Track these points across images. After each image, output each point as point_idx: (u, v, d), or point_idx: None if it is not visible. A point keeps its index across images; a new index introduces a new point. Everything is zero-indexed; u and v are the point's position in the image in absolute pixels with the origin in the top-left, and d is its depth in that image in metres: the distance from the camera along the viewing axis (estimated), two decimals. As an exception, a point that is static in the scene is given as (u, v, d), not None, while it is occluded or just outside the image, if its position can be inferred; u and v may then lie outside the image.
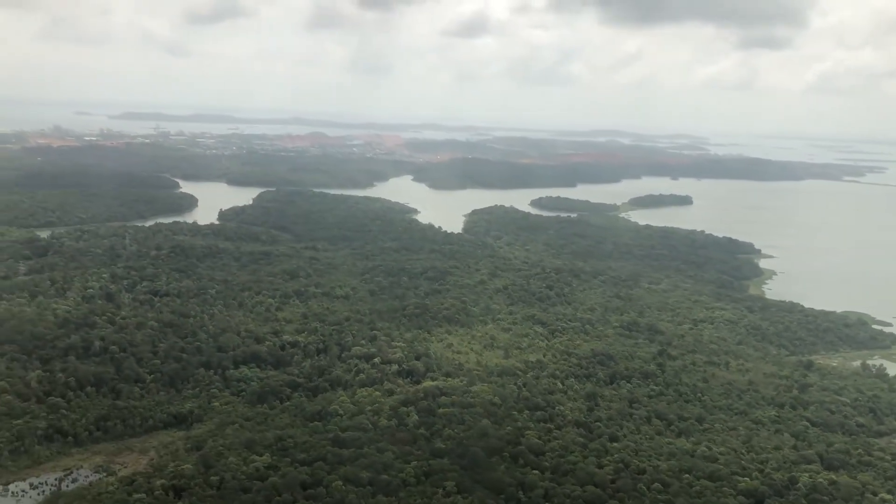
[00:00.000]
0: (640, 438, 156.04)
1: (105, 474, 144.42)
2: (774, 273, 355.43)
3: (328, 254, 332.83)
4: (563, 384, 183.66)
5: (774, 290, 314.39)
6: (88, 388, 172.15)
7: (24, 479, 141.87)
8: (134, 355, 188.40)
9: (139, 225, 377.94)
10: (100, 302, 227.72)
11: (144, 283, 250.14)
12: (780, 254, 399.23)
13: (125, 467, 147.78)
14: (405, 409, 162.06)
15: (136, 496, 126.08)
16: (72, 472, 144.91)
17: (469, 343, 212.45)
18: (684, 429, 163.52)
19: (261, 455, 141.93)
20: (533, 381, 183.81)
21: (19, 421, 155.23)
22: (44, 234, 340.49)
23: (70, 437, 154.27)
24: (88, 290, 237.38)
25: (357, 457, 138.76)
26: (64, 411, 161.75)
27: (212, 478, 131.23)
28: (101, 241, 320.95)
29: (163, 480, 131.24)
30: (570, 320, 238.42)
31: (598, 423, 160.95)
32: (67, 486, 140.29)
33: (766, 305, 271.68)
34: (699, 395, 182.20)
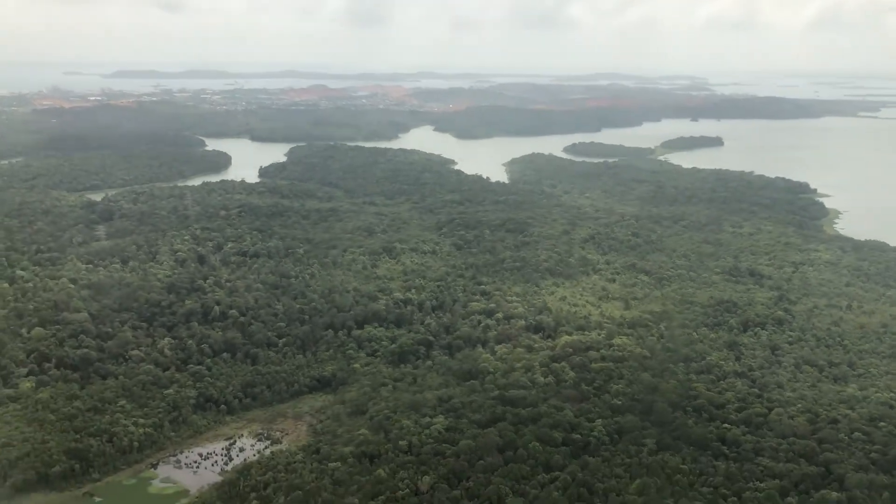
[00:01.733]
0: (803, 387, 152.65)
1: (269, 442, 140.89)
2: (839, 212, 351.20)
3: (390, 209, 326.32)
4: (696, 334, 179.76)
5: (848, 230, 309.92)
6: (224, 355, 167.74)
7: (190, 449, 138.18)
8: (255, 319, 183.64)
9: (191, 185, 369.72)
10: (194, 265, 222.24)
11: (230, 245, 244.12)
12: (837, 192, 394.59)
13: (286, 434, 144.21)
14: (557, 365, 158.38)
15: (331, 465, 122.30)
16: (234, 441, 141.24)
17: (581, 295, 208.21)
18: (839, 375, 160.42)
19: (432, 416, 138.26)
20: (667, 331, 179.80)
21: (169, 390, 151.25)
22: (96, 196, 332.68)
23: (223, 406, 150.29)
24: (178, 254, 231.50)
25: (536, 416, 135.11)
26: (209, 379, 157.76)
27: (400, 442, 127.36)
28: (160, 203, 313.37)
29: (350, 447, 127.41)
30: (671, 268, 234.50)
31: (754, 373, 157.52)
32: (236, 454, 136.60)
33: (857, 246, 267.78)
34: (838, 339, 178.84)
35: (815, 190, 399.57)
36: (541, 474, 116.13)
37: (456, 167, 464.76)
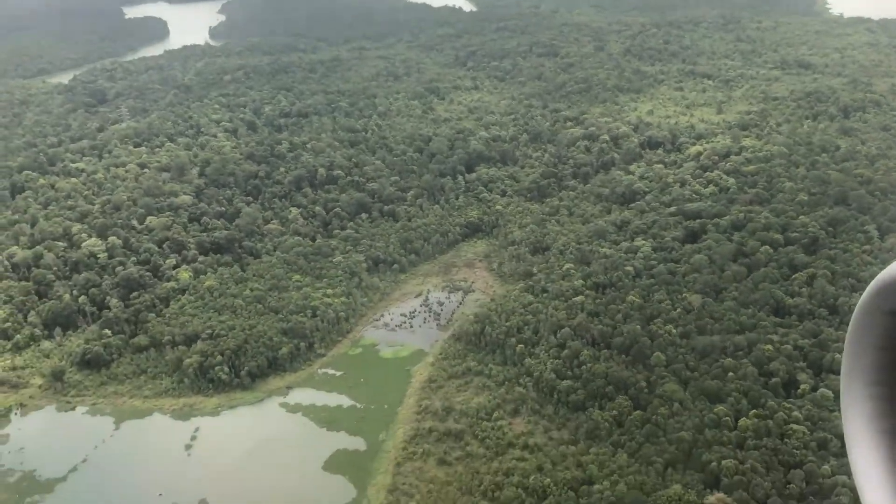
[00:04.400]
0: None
1: (461, 292, 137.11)
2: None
3: (389, 51, 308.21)
4: (807, 126, 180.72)
5: (848, 12, 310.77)
6: (362, 216, 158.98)
7: (388, 311, 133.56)
8: (365, 177, 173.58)
9: (152, 55, 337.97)
10: (249, 133, 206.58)
11: (268, 108, 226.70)
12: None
13: (472, 282, 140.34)
14: (710, 174, 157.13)
15: (576, 299, 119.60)
16: (426, 297, 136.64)
17: (665, 106, 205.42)
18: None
19: (629, 241, 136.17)
20: (778, 126, 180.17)
21: (337, 258, 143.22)
22: (58, 80, 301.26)
23: (394, 265, 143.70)
24: (222, 124, 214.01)
25: (738, 224, 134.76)
26: (366, 241, 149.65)
27: (625, 268, 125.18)
28: (142, 77, 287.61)
29: (577, 281, 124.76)
30: (727, 70, 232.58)
31: (893, 152, 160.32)
32: (438, 308, 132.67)
33: (881, 25, 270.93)
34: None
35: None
36: (797, 273, 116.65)
37: (414, 1, 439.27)
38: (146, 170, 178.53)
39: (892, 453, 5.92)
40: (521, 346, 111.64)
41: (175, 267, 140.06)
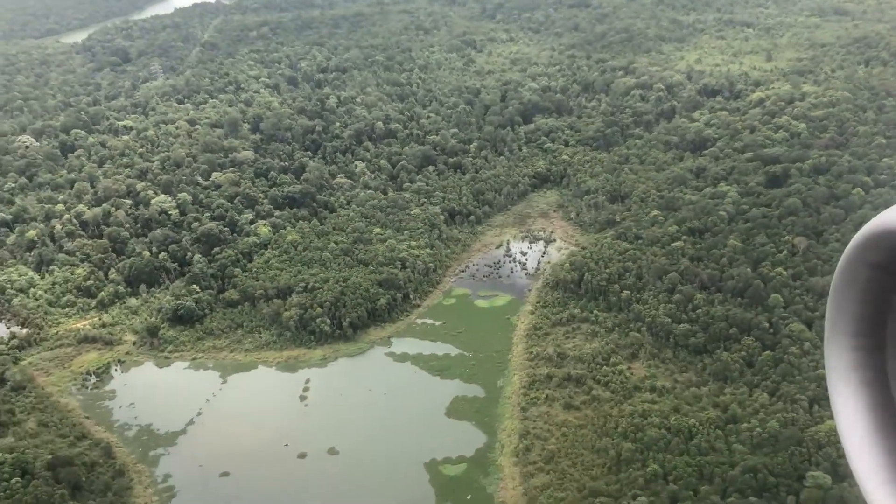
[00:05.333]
0: None
1: (543, 242, 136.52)
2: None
3: (409, 6, 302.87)
4: (861, 72, 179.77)
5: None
6: (429, 168, 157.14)
7: (471, 262, 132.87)
8: (421, 130, 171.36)
9: (163, 13, 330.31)
10: (291, 88, 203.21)
11: (303, 64, 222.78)
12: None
13: (550, 231, 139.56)
14: (779, 119, 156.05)
15: (674, 245, 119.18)
16: (508, 248, 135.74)
17: (711, 55, 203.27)
18: None
19: (713, 187, 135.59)
20: (832, 72, 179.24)
21: (416, 210, 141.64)
22: (74, 39, 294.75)
23: (470, 217, 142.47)
24: (261, 80, 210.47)
25: (821, 167, 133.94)
26: (439, 194, 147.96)
27: (719, 213, 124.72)
28: (160, 36, 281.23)
29: (670, 227, 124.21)
30: (765, 18, 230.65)
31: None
32: (522, 258, 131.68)
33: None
34: None
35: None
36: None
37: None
38: (197, 126, 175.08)
39: (874, 403, 6.05)
40: (627, 292, 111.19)
41: (252, 222, 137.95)
